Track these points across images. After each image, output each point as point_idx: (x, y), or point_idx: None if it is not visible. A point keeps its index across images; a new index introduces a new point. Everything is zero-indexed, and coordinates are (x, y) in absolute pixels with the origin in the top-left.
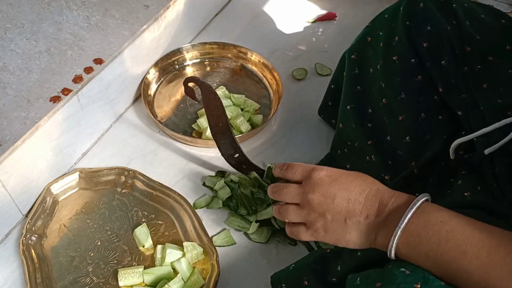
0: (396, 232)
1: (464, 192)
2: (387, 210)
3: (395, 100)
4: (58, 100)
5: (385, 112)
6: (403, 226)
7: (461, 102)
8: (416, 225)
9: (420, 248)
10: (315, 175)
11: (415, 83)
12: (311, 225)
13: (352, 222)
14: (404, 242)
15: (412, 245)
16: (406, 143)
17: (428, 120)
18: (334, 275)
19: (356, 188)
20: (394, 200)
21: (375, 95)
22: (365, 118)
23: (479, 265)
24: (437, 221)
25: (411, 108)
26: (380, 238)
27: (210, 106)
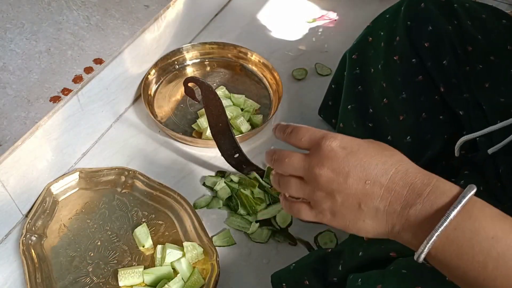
0: (432, 236)
1: None
2: (419, 201)
3: (396, 100)
4: (58, 100)
5: (386, 112)
6: (442, 229)
7: (462, 102)
8: (459, 233)
9: (458, 263)
10: (326, 144)
11: (416, 83)
12: (316, 205)
13: (368, 208)
14: (439, 248)
15: (448, 256)
16: (407, 143)
17: (429, 120)
18: (335, 275)
19: (378, 167)
20: (431, 189)
21: (376, 95)
22: (366, 118)
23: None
24: (487, 235)
25: (412, 108)
26: (406, 235)
27: (210, 106)
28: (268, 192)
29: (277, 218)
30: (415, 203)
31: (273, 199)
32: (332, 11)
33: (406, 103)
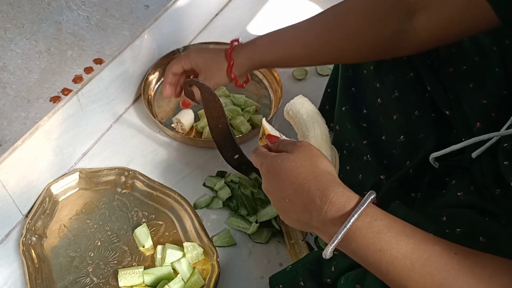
0: (327, 250)
1: (457, 192)
2: (320, 218)
3: (389, 99)
4: (58, 100)
5: (380, 112)
6: (334, 245)
7: (448, 102)
8: (352, 246)
9: (362, 264)
10: (261, 171)
11: (407, 81)
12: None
13: (290, 218)
14: (344, 250)
15: (353, 257)
16: (400, 142)
17: (422, 118)
18: (329, 276)
19: (290, 187)
20: (328, 206)
21: (370, 96)
22: (360, 118)
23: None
24: (375, 249)
25: (404, 106)
26: (320, 236)
27: (210, 107)
28: None
29: (277, 218)
30: (318, 219)
31: None
32: None
33: (399, 102)
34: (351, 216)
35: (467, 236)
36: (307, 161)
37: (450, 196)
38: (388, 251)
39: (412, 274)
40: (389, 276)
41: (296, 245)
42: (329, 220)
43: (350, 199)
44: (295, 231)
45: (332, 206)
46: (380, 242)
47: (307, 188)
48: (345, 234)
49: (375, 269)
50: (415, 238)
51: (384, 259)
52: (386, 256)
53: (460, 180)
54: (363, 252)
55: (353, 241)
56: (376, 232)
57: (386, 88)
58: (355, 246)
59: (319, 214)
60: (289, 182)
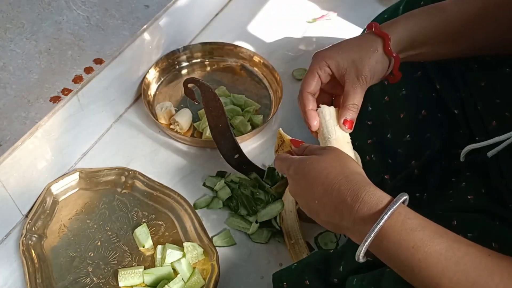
0: (360, 250)
1: (468, 195)
2: (351, 217)
3: (396, 97)
4: (58, 100)
5: (387, 110)
6: (367, 243)
7: (457, 101)
8: (385, 244)
9: (391, 265)
10: (288, 174)
11: (415, 79)
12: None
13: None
14: (374, 252)
15: (383, 259)
16: (406, 141)
17: (429, 117)
18: (336, 275)
19: (319, 189)
20: (359, 205)
21: (377, 93)
22: (365, 116)
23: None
24: (408, 246)
25: (412, 105)
26: (352, 237)
27: (210, 107)
28: (268, 192)
29: (277, 218)
30: (348, 218)
31: (274, 199)
32: (332, 11)
33: (406, 100)
34: (384, 213)
35: (479, 242)
36: (336, 162)
37: (460, 199)
38: (421, 248)
39: (446, 271)
40: (421, 273)
41: (296, 245)
42: (360, 219)
43: (382, 199)
44: (295, 231)
45: (364, 205)
46: (414, 239)
47: (337, 188)
48: (378, 232)
49: (406, 267)
50: (449, 238)
51: (417, 256)
52: (420, 253)
53: (470, 183)
54: (395, 250)
55: (385, 238)
56: (409, 230)
57: (394, 86)
58: (387, 244)
59: (350, 213)
60: (319, 183)
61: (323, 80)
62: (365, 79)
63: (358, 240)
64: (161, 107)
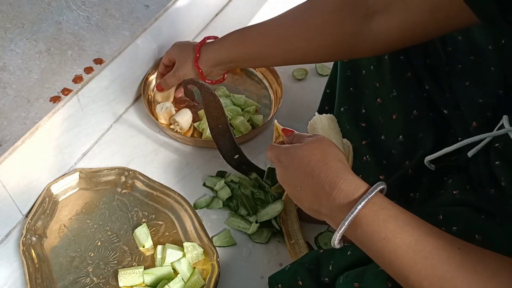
0: (335, 237)
1: (454, 190)
2: (328, 204)
3: (388, 98)
4: (58, 100)
5: (380, 111)
6: (341, 231)
7: (445, 101)
8: (358, 233)
9: (366, 252)
10: (276, 162)
11: (405, 80)
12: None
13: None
14: (351, 238)
15: (358, 245)
16: (399, 142)
17: (420, 117)
18: (327, 275)
19: (301, 175)
20: (336, 192)
21: (369, 96)
22: (359, 118)
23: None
24: (379, 237)
25: (403, 105)
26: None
27: (210, 107)
28: (268, 192)
29: (277, 218)
30: (326, 205)
31: (274, 199)
32: None
33: (397, 101)
34: (358, 203)
35: (463, 234)
36: (318, 149)
37: (447, 195)
38: (392, 240)
39: (414, 264)
40: (391, 265)
41: (296, 245)
42: (337, 206)
43: (359, 187)
44: (295, 231)
45: (341, 193)
46: (385, 231)
47: (317, 174)
48: (352, 220)
49: (378, 257)
50: (420, 230)
51: (387, 248)
52: (390, 244)
53: (456, 179)
54: (368, 240)
55: (359, 227)
56: (381, 221)
57: (386, 87)
58: (360, 233)
59: (328, 200)
60: (300, 170)
61: (171, 60)
62: (179, 74)
63: (335, 227)
64: (161, 107)
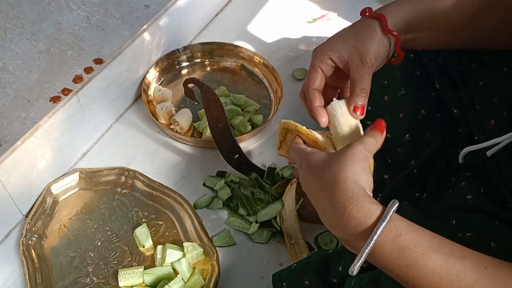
0: (353, 267)
1: (467, 194)
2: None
3: (396, 96)
4: (58, 100)
5: (386, 109)
6: (360, 263)
7: (457, 100)
8: (378, 261)
9: (389, 274)
10: (298, 166)
11: (414, 79)
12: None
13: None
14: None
15: (379, 267)
16: (405, 141)
17: (428, 117)
18: (335, 275)
19: (315, 188)
20: (346, 219)
21: (376, 94)
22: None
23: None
24: (401, 265)
25: (411, 104)
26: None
27: (210, 107)
28: (268, 192)
29: (277, 218)
30: (337, 228)
31: (274, 199)
32: (332, 11)
33: (405, 100)
34: (373, 233)
35: (478, 241)
36: (337, 163)
37: (459, 199)
38: (415, 267)
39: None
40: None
41: (296, 245)
42: (349, 234)
43: (371, 213)
44: (295, 231)
45: (351, 220)
46: (406, 258)
47: (328, 194)
48: (369, 251)
49: (401, 282)
50: (443, 252)
51: (410, 274)
52: (413, 271)
53: (470, 183)
54: (388, 267)
55: (377, 256)
56: (401, 248)
57: (394, 85)
58: (379, 261)
59: (338, 225)
60: (316, 180)
61: (327, 74)
62: (370, 62)
63: (349, 248)
64: (161, 107)
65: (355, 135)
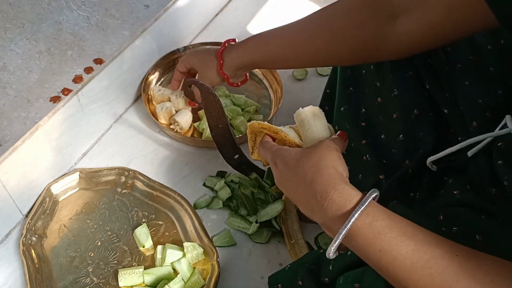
0: (330, 248)
1: (454, 190)
2: (322, 214)
3: (389, 97)
4: (58, 100)
5: (380, 111)
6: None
7: (446, 101)
8: (354, 245)
9: (364, 260)
10: (271, 163)
11: (406, 79)
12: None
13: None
14: (348, 246)
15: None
16: (400, 141)
17: (421, 117)
18: (327, 275)
19: (294, 179)
20: (328, 203)
21: (370, 95)
22: (359, 118)
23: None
24: (375, 249)
25: (404, 104)
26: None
27: (210, 108)
28: (268, 192)
29: (277, 218)
30: (319, 215)
31: (274, 199)
32: None
33: (398, 100)
34: (351, 216)
35: (463, 235)
36: (314, 153)
37: (447, 195)
38: (388, 252)
39: (413, 275)
40: (389, 275)
41: (296, 245)
42: (329, 217)
43: (351, 197)
44: (295, 231)
45: (332, 203)
46: (380, 243)
47: (309, 181)
48: (346, 233)
49: (376, 267)
50: (416, 239)
51: (384, 260)
52: (387, 256)
53: (456, 179)
54: (364, 251)
55: (354, 239)
56: (376, 233)
57: (386, 86)
58: (355, 245)
59: (320, 210)
60: (295, 173)
61: (187, 67)
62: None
63: (330, 234)
64: (161, 107)
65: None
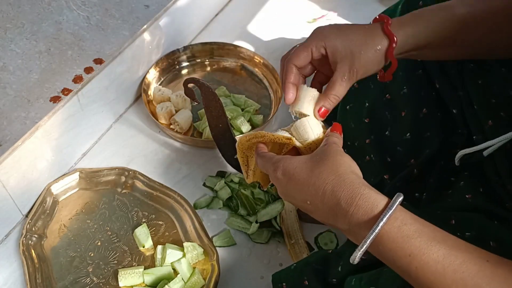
0: (355, 255)
1: (466, 194)
2: (345, 221)
3: (398, 94)
4: (58, 100)
5: (387, 107)
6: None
7: (456, 100)
8: (381, 250)
9: (389, 266)
10: (274, 176)
11: (416, 77)
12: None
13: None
14: (373, 252)
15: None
16: (406, 139)
17: (429, 116)
18: (335, 276)
19: (310, 189)
20: (353, 209)
21: (376, 91)
22: (363, 114)
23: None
24: (404, 253)
25: (413, 103)
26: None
27: (210, 107)
28: (268, 192)
29: (277, 218)
30: (343, 221)
31: (274, 199)
32: (332, 11)
33: (408, 98)
34: (379, 220)
35: (477, 241)
36: (329, 160)
37: (458, 198)
38: (418, 256)
39: (444, 279)
40: (419, 281)
41: (296, 245)
42: (355, 223)
43: (377, 202)
44: (295, 231)
45: (358, 209)
46: (410, 247)
47: (330, 189)
48: (374, 238)
49: (403, 273)
50: (446, 244)
51: (414, 264)
52: (416, 261)
53: (468, 182)
54: (392, 256)
55: (381, 244)
56: (405, 237)
57: (396, 84)
58: (383, 250)
59: (345, 217)
60: (310, 183)
61: (314, 57)
62: (356, 74)
63: (354, 241)
64: (161, 107)
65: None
